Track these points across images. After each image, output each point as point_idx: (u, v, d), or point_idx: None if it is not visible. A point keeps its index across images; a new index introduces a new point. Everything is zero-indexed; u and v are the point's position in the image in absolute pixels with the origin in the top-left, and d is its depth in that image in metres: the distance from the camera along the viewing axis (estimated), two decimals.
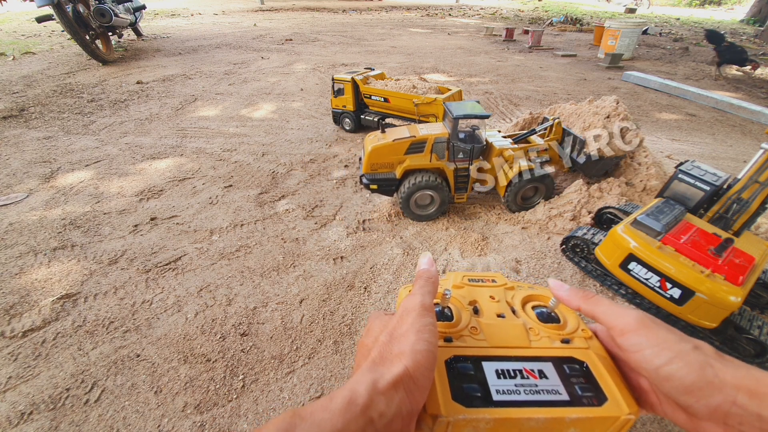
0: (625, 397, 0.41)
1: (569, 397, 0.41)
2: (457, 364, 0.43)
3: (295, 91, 4.43)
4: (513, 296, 0.55)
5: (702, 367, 0.32)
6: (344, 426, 0.28)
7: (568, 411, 0.40)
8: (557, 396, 0.41)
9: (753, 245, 1.44)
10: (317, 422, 0.28)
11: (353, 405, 0.29)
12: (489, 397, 0.40)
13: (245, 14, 10.95)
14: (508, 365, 0.44)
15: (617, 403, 0.40)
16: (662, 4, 20.23)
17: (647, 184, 2.17)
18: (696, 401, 0.32)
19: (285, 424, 0.27)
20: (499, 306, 0.52)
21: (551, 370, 0.44)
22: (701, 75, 5.75)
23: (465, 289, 0.56)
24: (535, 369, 0.44)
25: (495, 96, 4.36)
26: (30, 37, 6.78)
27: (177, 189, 2.45)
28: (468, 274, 0.59)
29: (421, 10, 13.75)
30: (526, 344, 0.47)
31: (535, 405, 0.40)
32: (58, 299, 1.60)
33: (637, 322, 0.36)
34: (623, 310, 0.38)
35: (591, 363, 0.45)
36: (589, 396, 0.41)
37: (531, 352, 0.46)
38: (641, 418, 1.18)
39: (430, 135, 2.01)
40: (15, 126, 3.28)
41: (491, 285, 0.57)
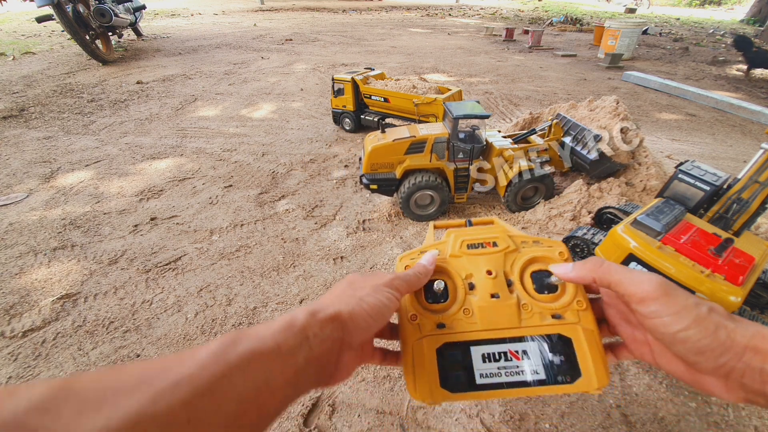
0: (598, 373, 0.45)
1: (545, 376, 0.46)
2: (448, 351, 0.47)
3: (295, 91, 4.43)
4: (513, 262, 0.54)
5: (716, 329, 0.34)
6: (284, 340, 0.32)
7: (542, 390, 0.45)
8: (535, 376, 0.46)
9: (753, 245, 1.44)
10: (260, 336, 0.31)
11: (292, 325, 0.33)
12: (473, 381, 0.45)
13: (245, 14, 10.95)
14: (494, 348, 0.48)
15: (589, 380, 0.44)
16: (662, 4, 20.23)
17: (647, 184, 2.17)
18: (705, 360, 0.34)
19: (229, 338, 0.30)
20: (494, 283, 0.51)
21: (535, 350, 0.47)
22: (701, 75, 5.75)
23: (463, 258, 0.54)
24: (519, 350, 0.47)
25: (495, 96, 4.36)
26: (30, 37, 6.78)
27: (177, 189, 2.45)
28: (468, 236, 0.56)
29: (421, 10, 13.75)
30: (516, 324, 0.49)
31: (512, 386, 0.45)
32: (58, 299, 1.60)
33: (656, 290, 0.37)
34: (640, 277, 0.38)
35: (576, 339, 0.47)
36: (564, 374, 0.46)
37: (519, 332, 0.48)
38: (642, 417, 1.18)
39: (430, 135, 2.01)
40: (15, 126, 3.28)
41: (491, 251, 0.54)
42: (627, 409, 1.20)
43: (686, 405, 1.22)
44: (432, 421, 1.15)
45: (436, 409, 1.18)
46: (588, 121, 2.39)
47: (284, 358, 0.31)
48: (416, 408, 1.19)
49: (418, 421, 1.15)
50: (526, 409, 1.19)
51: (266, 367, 0.30)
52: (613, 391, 1.25)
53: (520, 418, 1.17)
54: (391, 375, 1.29)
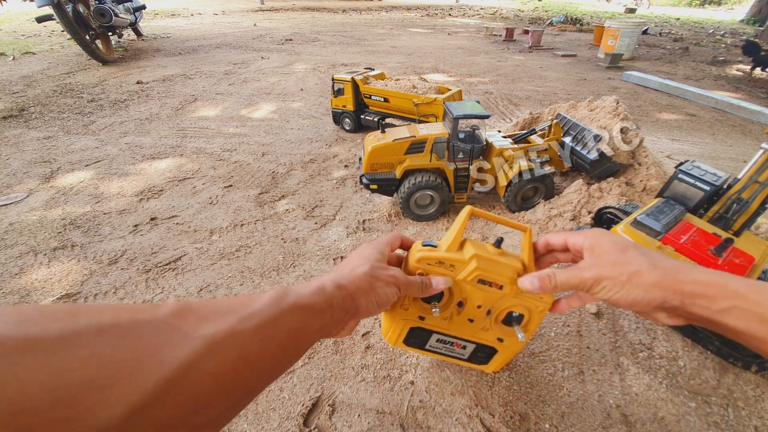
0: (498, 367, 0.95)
1: (467, 358, 0.93)
2: (417, 331, 0.83)
3: (295, 91, 4.43)
4: (503, 307, 0.76)
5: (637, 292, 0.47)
6: (316, 302, 0.44)
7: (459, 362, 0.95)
8: (461, 356, 0.93)
9: (753, 245, 1.44)
10: (300, 294, 0.43)
11: (323, 291, 0.47)
12: (423, 345, 0.89)
13: (245, 14, 10.95)
14: (447, 338, 0.85)
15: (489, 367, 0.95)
16: (662, 4, 20.23)
17: (647, 184, 2.17)
18: (639, 310, 0.49)
19: (281, 291, 0.42)
20: (476, 313, 0.76)
21: (471, 348, 0.88)
22: (701, 75, 5.75)
23: (466, 287, 0.72)
24: (462, 344, 0.87)
25: (495, 96, 4.36)
26: (30, 37, 6.77)
27: (177, 189, 2.45)
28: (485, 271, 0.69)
29: (421, 10, 13.74)
30: (471, 337, 0.84)
31: (444, 355, 0.93)
32: (58, 299, 1.60)
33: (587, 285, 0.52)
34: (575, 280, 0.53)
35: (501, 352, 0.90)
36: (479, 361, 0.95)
37: (470, 338, 0.84)
38: (642, 417, 1.18)
39: (430, 135, 2.01)
40: (15, 126, 3.28)
41: (492, 292, 0.72)
42: (627, 409, 1.20)
43: (686, 405, 1.22)
44: (432, 421, 1.15)
45: (436, 409, 1.18)
46: (588, 121, 2.39)
47: (316, 314, 0.43)
48: (416, 408, 1.19)
49: (418, 421, 1.15)
50: (526, 410, 1.19)
51: (304, 317, 0.42)
52: (613, 391, 1.26)
53: (521, 418, 1.17)
54: (391, 375, 1.29)
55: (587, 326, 1.49)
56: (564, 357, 1.36)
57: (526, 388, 1.26)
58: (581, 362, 1.35)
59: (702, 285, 0.43)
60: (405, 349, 0.92)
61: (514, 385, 1.26)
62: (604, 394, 1.24)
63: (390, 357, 1.35)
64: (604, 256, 0.51)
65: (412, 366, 1.32)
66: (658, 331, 1.47)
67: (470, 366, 1.01)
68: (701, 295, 0.42)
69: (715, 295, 0.42)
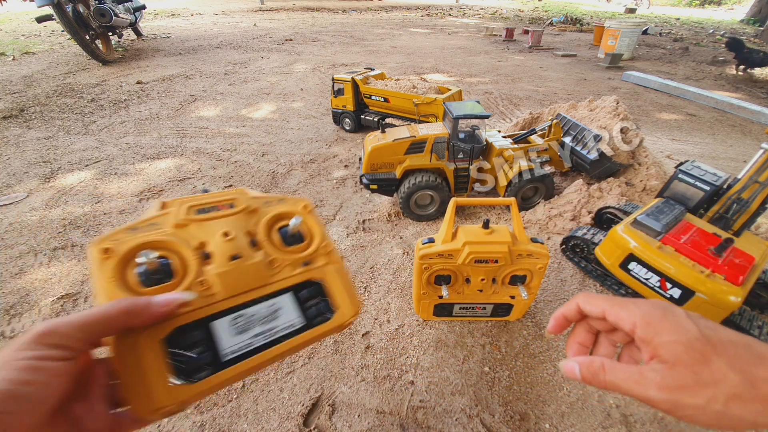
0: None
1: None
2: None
3: (295, 91, 4.43)
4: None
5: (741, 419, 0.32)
6: None
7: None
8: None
9: (753, 245, 1.44)
10: None
11: None
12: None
13: (245, 14, 10.95)
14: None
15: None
16: (662, 4, 20.23)
17: (647, 184, 2.17)
18: None
19: None
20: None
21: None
22: (701, 75, 5.75)
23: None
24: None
25: (495, 96, 4.36)
26: (30, 37, 6.77)
27: (177, 189, 2.45)
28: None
29: (421, 10, 13.74)
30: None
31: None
32: (58, 299, 1.60)
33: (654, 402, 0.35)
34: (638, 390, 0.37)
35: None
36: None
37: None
38: (642, 417, 1.18)
39: (430, 135, 2.01)
40: (15, 126, 3.28)
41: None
42: (627, 409, 1.21)
43: None
44: (432, 421, 1.15)
45: (436, 409, 1.18)
46: (588, 121, 2.39)
47: None
48: (416, 408, 1.19)
49: (418, 421, 1.15)
50: (526, 410, 1.19)
51: None
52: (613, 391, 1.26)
53: (521, 418, 1.17)
54: (391, 375, 1.29)
55: None
56: (564, 357, 1.36)
57: (526, 388, 1.26)
58: None
59: None
60: (437, 320, 1.19)
61: (514, 385, 1.26)
62: (604, 394, 1.24)
63: (390, 357, 1.35)
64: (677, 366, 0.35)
65: (412, 366, 1.32)
66: None
67: (496, 320, 1.24)
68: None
69: None
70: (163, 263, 0.41)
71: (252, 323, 0.42)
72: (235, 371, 0.38)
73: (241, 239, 0.46)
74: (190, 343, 0.38)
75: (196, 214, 0.46)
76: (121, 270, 0.40)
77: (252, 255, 0.45)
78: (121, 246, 0.41)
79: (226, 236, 0.45)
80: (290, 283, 0.46)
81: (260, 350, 0.40)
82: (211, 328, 0.39)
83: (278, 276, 0.46)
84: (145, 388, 0.34)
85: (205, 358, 0.38)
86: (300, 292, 0.46)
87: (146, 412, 0.34)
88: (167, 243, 0.42)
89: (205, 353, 0.38)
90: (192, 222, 0.45)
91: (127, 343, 0.35)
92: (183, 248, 0.43)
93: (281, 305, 0.44)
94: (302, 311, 0.45)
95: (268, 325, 0.42)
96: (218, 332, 0.40)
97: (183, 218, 0.45)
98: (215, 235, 0.45)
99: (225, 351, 0.39)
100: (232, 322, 0.41)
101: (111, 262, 0.40)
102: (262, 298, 0.44)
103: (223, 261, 0.43)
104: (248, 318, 0.42)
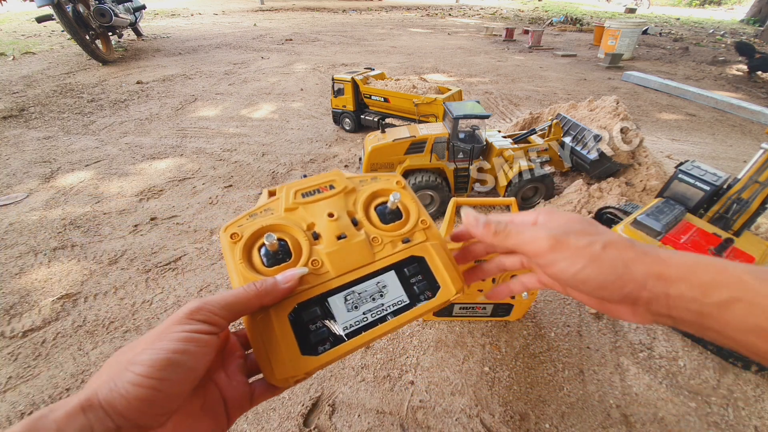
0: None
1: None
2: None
3: (295, 91, 4.43)
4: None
5: (613, 265, 0.34)
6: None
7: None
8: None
9: (753, 245, 1.44)
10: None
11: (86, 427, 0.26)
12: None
13: (245, 14, 10.95)
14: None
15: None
16: (662, 4, 20.23)
17: (647, 184, 2.17)
18: (609, 294, 0.35)
19: None
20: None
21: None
22: (701, 75, 5.75)
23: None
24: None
25: (495, 96, 4.36)
26: (30, 37, 6.77)
27: (177, 189, 2.45)
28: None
29: (421, 10, 13.74)
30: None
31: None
32: (58, 299, 1.60)
33: (547, 244, 0.37)
34: (532, 235, 0.38)
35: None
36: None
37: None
38: (642, 417, 1.18)
39: (430, 135, 2.01)
40: (15, 126, 3.28)
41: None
42: (627, 409, 1.21)
43: (686, 405, 1.22)
44: (432, 421, 1.15)
45: (436, 409, 1.18)
46: (588, 121, 2.39)
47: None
48: (416, 408, 1.19)
49: (418, 421, 1.15)
50: (526, 410, 1.19)
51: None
52: (613, 392, 1.26)
53: (521, 418, 1.17)
54: (391, 375, 1.29)
55: (587, 326, 1.49)
56: (564, 357, 1.36)
57: (526, 388, 1.26)
58: (581, 362, 1.35)
59: (694, 269, 0.32)
60: (436, 320, 1.17)
61: (514, 385, 1.26)
62: (604, 395, 1.24)
63: (390, 357, 1.35)
64: (568, 224, 0.38)
65: (412, 366, 1.32)
66: (658, 331, 1.47)
67: (496, 320, 1.26)
68: (693, 282, 0.32)
69: (711, 282, 0.31)
70: (281, 245, 0.45)
71: (362, 300, 0.44)
72: (352, 345, 0.41)
73: (344, 219, 0.49)
74: (311, 319, 0.41)
75: (302, 198, 0.50)
76: (248, 252, 0.44)
77: (355, 234, 0.48)
78: (245, 231, 0.45)
79: (331, 217, 0.49)
80: (392, 261, 0.47)
81: (373, 325, 0.43)
82: (328, 304, 0.43)
83: (381, 254, 0.48)
84: (277, 358, 0.38)
85: (325, 332, 0.41)
86: (403, 269, 0.47)
87: (279, 381, 0.37)
88: (282, 226, 0.47)
89: (324, 329, 0.41)
90: (299, 205, 0.49)
91: (259, 319, 0.39)
92: (295, 230, 0.47)
93: (387, 282, 0.46)
94: (406, 288, 0.46)
95: (377, 302, 0.44)
96: (334, 308, 0.43)
97: (292, 202, 0.49)
98: (321, 216, 0.49)
99: (342, 325, 0.42)
100: (344, 299, 0.44)
101: (239, 246, 0.44)
102: (369, 276, 0.46)
103: (331, 241, 0.46)
104: (358, 295, 0.44)
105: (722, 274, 0.31)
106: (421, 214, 0.52)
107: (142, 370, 0.28)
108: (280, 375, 0.37)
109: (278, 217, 0.48)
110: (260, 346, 0.38)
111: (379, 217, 0.51)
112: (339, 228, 0.48)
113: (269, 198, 0.51)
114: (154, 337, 0.31)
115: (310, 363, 0.38)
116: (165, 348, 0.29)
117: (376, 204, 0.53)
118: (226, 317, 0.35)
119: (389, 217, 0.51)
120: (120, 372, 0.28)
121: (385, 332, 0.43)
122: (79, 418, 0.25)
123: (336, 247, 0.46)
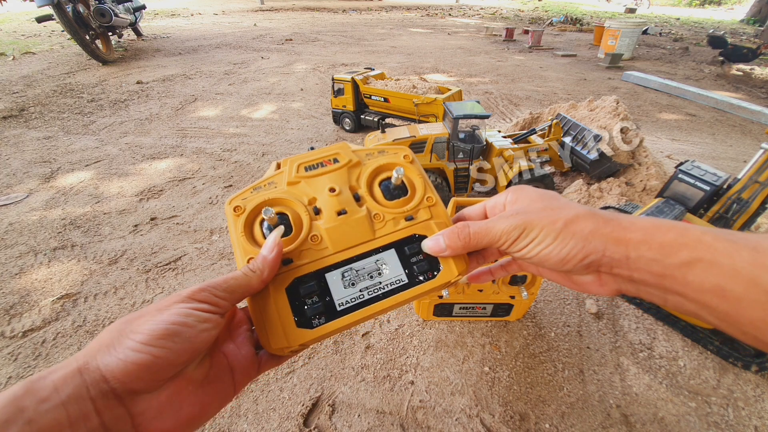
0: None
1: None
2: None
3: (295, 91, 4.43)
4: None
5: (574, 238, 0.35)
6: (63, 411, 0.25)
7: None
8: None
9: None
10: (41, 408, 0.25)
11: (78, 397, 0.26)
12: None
13: (245, 14, 10.95)
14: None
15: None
16: (662, 4, 20.24)
17: (647, 184, 2.17)
18: (573, 266, 0.36)
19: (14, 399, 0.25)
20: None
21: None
22: (701, 75, 5.75)
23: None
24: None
25: (495, 96, 4.36)
26: (30, 37, 6.77)
27: (177, 189, 2.45)
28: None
29: (421, 10, 13.75)
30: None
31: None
32: (58, 299, 1.60)
33: (513, 233, 0.38)
34: (500, 228, 0.39)
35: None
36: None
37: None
38: (642, 417, 1.18)
39: (430, 135, 2.01)
40: (15, 126, 3.28)
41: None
42: (627, 409, 1.21)
43: (686, 405, 1.22)
44: (432, 421, 1.15)
45: (436, 409, 1.18)
46: (588, 121, 2.39)
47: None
48: (416, 408, 1.19)
49: (418, 421, 1.15)
50: (526, 410, 1.19)
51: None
52: (613, 391, 1.26)
53: (521, 418, 1.17)
54: (391, 375, 1.29)
55: (587, 326, 1.49)
56: (564, 357, 1.36)
57: (526, 388, 1.26)
58: (581, 362, 1.35)
59: (654, 231, 0.32)
60: (437, 320, 1.17)
61: (514, 385, 1.26)
62: (604, 394, 1.24)
63: (390, 357, 1.35)
64: (532, 204, 0.40)
65: (412, 366, 1.32)
66: (658, 331, 1.47)
67: (496, 320, 1.26)
68: (653, 244, 0.32)
69: (671, 243, 0.31)
70: (281, 218, 0.45)
71: (360, 277, 0.43)
72: (346, 320, 0.41)
73: (346, 194, 0.48)
74: (307, 294, 0.41)
75: (305, 172, 0.49)
76: (249, 225, 0.45)
77: (357, 210, 0.47)
78: (248, 204, 0.45)
79: (332, 192, 0.47)
80: (393, 239, 0.46)
81: (369, 303, 0.42)
82: (325, 280, 0.42)
83: (382, 231, 0.46)
84: (273, 329, 0.39)
85: (320, 307, 0.41)
86: (403, 247, 0.46)
87: (276, 350, 0.39)
88: (283, 200, 0.46)
89: (319, 303, 0.41)
90: (302, 179, 0.48)
91: (258, 293, 0.40)
92: (296, 204, 0.46)
93: (386, 260, 0.45)
94: (406, 267, 0.45)
95: (375, 280, 0.43)
96: (331, 284, 0.42)
97: (295, 176, 0.48)
98: (323, 191, 0.47)
99: (337, 301, 0.42)
100: (342, 276, 0.43)
101: (241, 219, 0.44)
102: (368, 254, 0.45)
103: (331, 216, 0.46)
104: (356, 272, 0.43)
105: (683, 236, 0.31)
106: (428, 190, 0.51)
107: (142, 338, 0.29)
108: (275, 345, 0.38)
109: (280, 191, 0.47)
110: (259, 317, 0.40)
111: (384, 192, 0.50)
112: (340, 203, 0.47)
113: (276, 170, 0.50)
114: (155, 311, 0.32)
115: (304, 335, 0.39)
116: (165, 320, 0.31)
117: (381, 179, 0.51)
118: (228, 299, 0.36)
119: (394, 193, 0.50)
120: (119, 338, 0.29)
121: (380, 311, 0.42)
122: (75, 378, 0.27)
123: (335, 223, 0.45)
